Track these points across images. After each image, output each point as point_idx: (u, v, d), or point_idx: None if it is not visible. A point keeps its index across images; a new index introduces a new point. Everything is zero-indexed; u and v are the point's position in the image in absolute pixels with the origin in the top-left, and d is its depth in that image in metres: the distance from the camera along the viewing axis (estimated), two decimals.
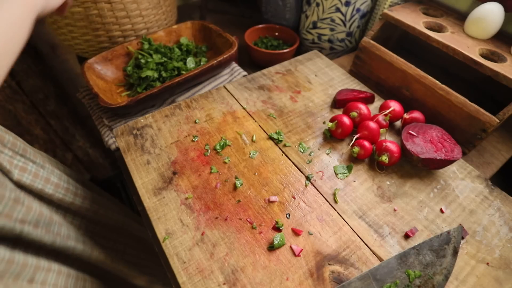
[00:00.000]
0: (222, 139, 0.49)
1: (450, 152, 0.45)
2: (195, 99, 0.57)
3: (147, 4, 0.67)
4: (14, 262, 0.36)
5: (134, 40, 0.67)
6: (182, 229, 0.39)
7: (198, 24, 0.74)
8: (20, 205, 0.39)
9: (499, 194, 0.45)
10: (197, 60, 0.69)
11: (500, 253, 0.39)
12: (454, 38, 0.54)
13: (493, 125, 0.46)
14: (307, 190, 0.44)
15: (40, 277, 0.40)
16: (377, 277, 0.35)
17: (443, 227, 0.41)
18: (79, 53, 0.71)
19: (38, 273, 0.39)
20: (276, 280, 0.35)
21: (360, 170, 0.47)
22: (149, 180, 0.44)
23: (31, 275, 0.38)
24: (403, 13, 0.60)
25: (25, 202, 0.40)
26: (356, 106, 0.51)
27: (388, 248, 0.39)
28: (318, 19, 0.73)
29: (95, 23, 0.64)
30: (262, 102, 0.57)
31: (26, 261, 0.38)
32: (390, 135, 0.53)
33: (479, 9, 0.54)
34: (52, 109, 1.00)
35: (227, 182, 0.44)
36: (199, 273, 0.35)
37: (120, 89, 0.65)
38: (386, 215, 0.42)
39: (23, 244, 0.41)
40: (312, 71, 0.64)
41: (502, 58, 0.51)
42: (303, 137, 0.51)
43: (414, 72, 0.55)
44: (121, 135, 0.50)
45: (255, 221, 0.40)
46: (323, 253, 0.38)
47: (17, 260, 0.37)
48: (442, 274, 0.36)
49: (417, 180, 0.46)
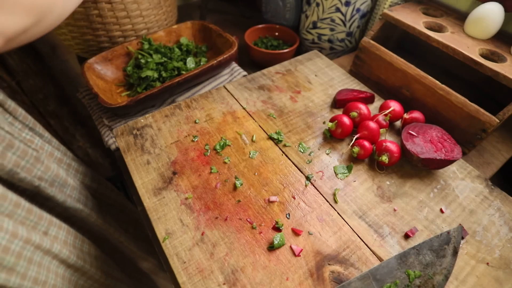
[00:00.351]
0: (222, 139, 0.49)
1: (450, 152, 0.45)
2: (195, 99, 0.57)
3: (148, 4, 0.67)
4: (33, 213, 0.40)
5: (134, 40, 0.67)
6: (182, 229, 0.39)
7: (198, 24, 0.74)
8: (40, 163, 0.44)
9: (499, 194, 0.45)
10: (197, 60, 0.69)
11: (500, 253, 0.39)
12: (454, 38, 0.54)
13: (493, 125, 0.46)
14: (307, 190, 0.44)
15: (53, 231, 0.44)
16: (377, 277, 0.35)
17: (443, 227, 0.41)
18: (79, 53, 0.71)
19: (51, 228, 0.44)
20: (276, 280, 0.35)
21: (360, 170, 0.47)
22: (149, 180, 0.44)
23: (45, 228, 0.43)
24: (403, 13, 0.60)
25: (44, 162, 0.45)
26: (356, 106, 0.51)
27: (388, 248, 0.39)
28: (318, 19, 0.73)
29: (95, 23, 0.64)
30: (262, 102, 0.57)
31: (42, 215, 0.42)
32: (390, 135, 0.53)
33: (479, 9, 0.54)
34: (52, 109, 1.00)
35: (227, 182, 0.44)
36: (199, 273, 0.35)
37: (120, 89, 0.65)
38: (386, 215, 0.42)
39: (39, 200, 0.46)
40: (312, 71, 0.64)
41: (502, 58, 0.51)
42: (303, 137, 0.51)
43: (414, 72, 0.55)
44: (121, 135, 0.50)
45: (255, 221, 0.40)
46: (323, 253, 0.38)
47: (35, 211, 0.41)
48: (442, 274, 0.36)
49: (417, 180, 0.46)
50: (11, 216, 0.37)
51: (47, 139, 0.52)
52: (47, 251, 0.41)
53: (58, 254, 0.43)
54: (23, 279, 0.36)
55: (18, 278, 0.36)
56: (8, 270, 0.35)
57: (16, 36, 0.32)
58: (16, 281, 0.36)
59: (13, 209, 0.37)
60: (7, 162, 0.39)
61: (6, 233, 0.35)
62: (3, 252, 0.34)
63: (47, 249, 0.41)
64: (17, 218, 0.38)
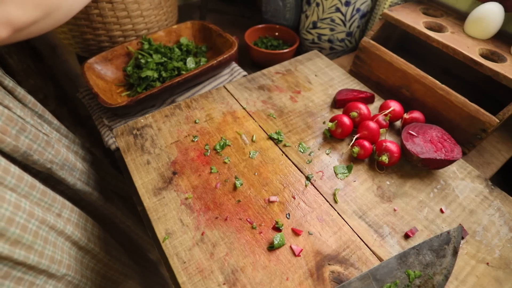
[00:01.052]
0: (222, 139, 0.49)
1: (450, 152, 0.45)
2: (195, 99, 0.57)
3: (149, 5, 0.67)
4: (47, 195, 0.42)
5: (134, 40, 0.67)
6: (182, 229, 0.39)
7: (198, 24, 0.74)
8: (51, 147, 0.46)
9: (499, 194, 0.45)
10: (197, 60, 0.69)
11: (500, 253, 0.39)
12: (454, 38, 0.54)
13: (493, 125, 0.46)
14: (307, 190, 0.44)
15: (66, 214, 0.46)
16: (377, 277, 0.35)
17: (443, 227, 0.41)
18: (79, 52, 0.71)
19: (64, 210, 0.45)
20: (276, 280, 0.35)
21: (360, 170, 0.47)
22: (149, 180, 0.44)
23: (59, 210, 0.44)
24: (403, 13, 0.60)
25: (55, 146, 0.47)
26: (356, 106, 0.51)
27: (388, 248, 0.39)
28: (318, 19, 0.73)
29: (96, 22, 0.64)
30: (262, 102, 0.57)
31: (55, 197, 0.44)
32: (390, 135, 0.53)
33: (479, 9, 0.54)
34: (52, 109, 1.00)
35: (227, 182, 0.44)
36: (199, 273, 0.35)
37: (120, 89, 0.65)
38: (386, 215, 0.42)
39: (51, 183, 0.49)
40: (312, 71, 0.64)
41: (502, 58, 0.51)
42: (303, 137, 0.51)
43: (414, 72, 0.55)
44: (121, 135, 0.50)
45: (255, 221, 0.40)
46: (323, 253, 0.38)
47: (49, 194, 0.42)
48: (442, 274, 0.36)
49: (417, 180, 0.46)
50: (27, 197, 0.39)
51: (56, 126, 0.54)
52: (60, 232, 0.43)
53: (71, 235, 0.45)
54: (40, 257, 0.38)
55: (36, 256, 0.37)
56: (27, 248, 0.36)
57: (24, 28, 0.34)
58: (35, 258, 0.37)
59: (29, 190, 0.39)
60: (21, 144, 0.40)
61: (24, 212, 0.36)
62: (22, 231, 0.36)
63: (60, 230, 0.43)
64: (32, 199, 0.40)
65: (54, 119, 0.54)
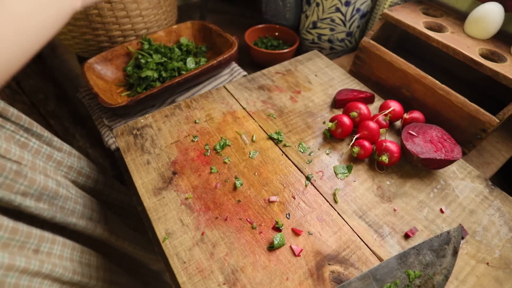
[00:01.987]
0: (222, 139, 0.49)
1: (450, 152, 0.45)
2: (195, 99, 0.57)
3: (147, 4, 0.67)
4: (18, 232, 0.36)
5: (134, 40, 0.67)
6: (182, 229, 0.39)
7: (198, 24, 0.74)
8: (22, 177, 0.39)
9: (499, 194, 0.45)
10: (197, 60, 0.69)
11: (500, 253, 0.39)
12: (454, 38, 0.54)
13: (493, 125, 0.46)
14: (307, 190, 0.44)
15: (45, 248, 0.40)
16: (377, 277, 0.35)
17: (443, 227, 0.41)
18: (79, 52, 0.71)
19: (43, 244, 0.40)
20: (276, 280, 0.35)
21: (360, 170, 0.47)
22: (149, 180, 0.44)
23: (36, 246, 0.39)
24: (403, 13, 0.60)
25: (28, 175, 0.40)
26: (356, 106, 0.51)
27: (388, 248, 0.39)
28: (318, 19, 0.73)
29: (95, 22, 0.64)
30: (262, 102, 0.57)
31: (30, 232, 0.38)
32: (390, 135, 0.53)
33: (479, 9, 0.54)
34: (52, 109, 1.00)
35: (227, 182, 0.44)
36: (199, 273, 0.35)
37: (120, 89, 0.65)
38: (386, 215, 0.42)
39: (27, 217, 0.41)
40: (312, 71, 0.64)
41: (502, 58, 0.51)
42: (303, 137, 0.51)
43: (414, 72, 0.55)
44: (121, 135, 0.50)
45: (255, 221, 0.40)
46: (323, 253, 0.38)
47: (21, 230, 0.37)
48: (442, 274, 0.36)
49: (417, 180, 0.46)
50: None
51: (47, 139, 0.49)
52: (35, 273, 0.38)
53: (50, 273, 0.40)
54: None
55: None
56: None
57: None
58: None
59: None
60: None
61: None
62: None
63: (35, 271, 0.37)
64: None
65: (44, 131, 0.49)
